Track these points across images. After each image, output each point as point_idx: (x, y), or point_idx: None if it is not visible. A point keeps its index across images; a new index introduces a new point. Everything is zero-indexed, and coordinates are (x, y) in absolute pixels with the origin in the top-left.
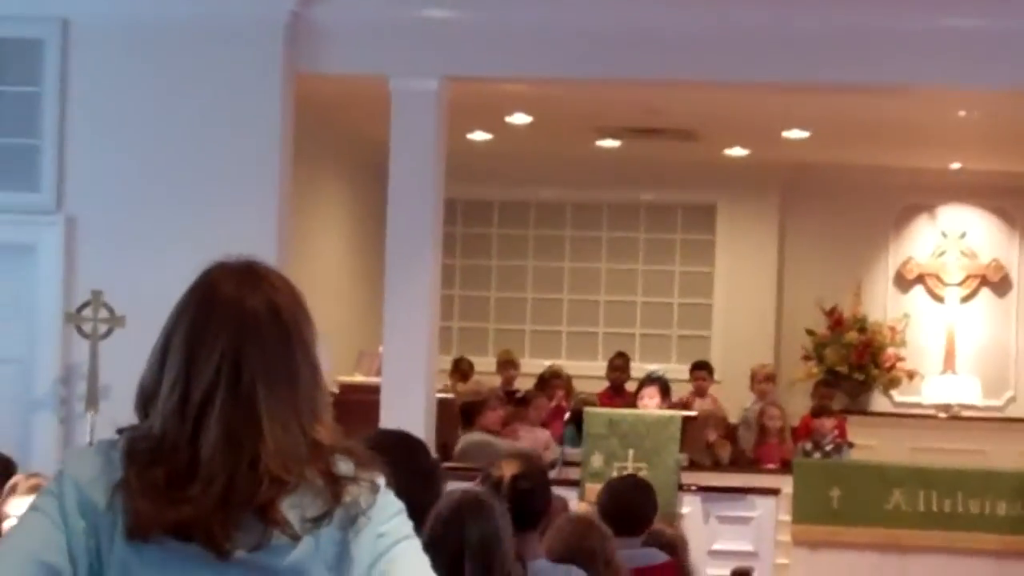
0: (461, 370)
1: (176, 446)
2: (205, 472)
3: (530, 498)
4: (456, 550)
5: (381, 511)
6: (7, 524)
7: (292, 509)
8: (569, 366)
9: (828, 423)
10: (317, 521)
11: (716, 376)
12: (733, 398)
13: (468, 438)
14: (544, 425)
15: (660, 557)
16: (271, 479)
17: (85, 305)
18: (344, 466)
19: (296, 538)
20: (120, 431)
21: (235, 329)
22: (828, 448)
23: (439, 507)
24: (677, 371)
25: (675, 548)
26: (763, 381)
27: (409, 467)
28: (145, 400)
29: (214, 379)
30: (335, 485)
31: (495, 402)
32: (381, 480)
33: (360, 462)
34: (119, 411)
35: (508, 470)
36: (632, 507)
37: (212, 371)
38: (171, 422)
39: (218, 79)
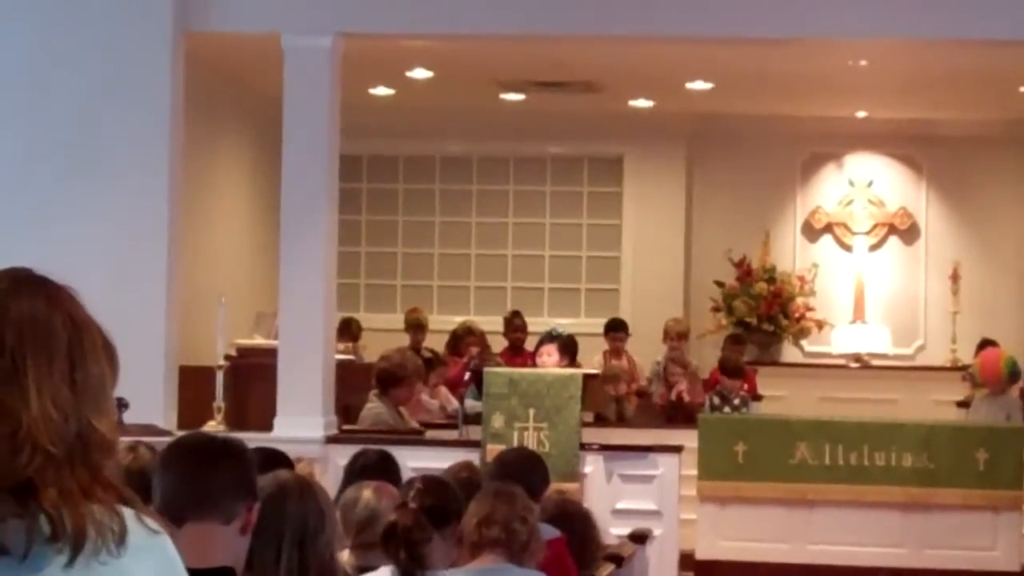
0: (351, 331)
1: None
2: None
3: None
4: (278, 530)
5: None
6: None
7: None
8: (477, 322)
9: (737, 381)
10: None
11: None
12: (643, 351)
13: (375, 410)
14: (455, 383)
15: (550, 532)
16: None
17: None
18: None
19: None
20: None
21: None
22: (736, 402)
23: (265, 485)
24: (587, 326)
25: (571, 520)
26: (676, 338)
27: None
28: None
29: None
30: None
31: (415, 381)
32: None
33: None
34: None
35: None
36: (521, 480)
37: None
38: None
39: (106, 38)
